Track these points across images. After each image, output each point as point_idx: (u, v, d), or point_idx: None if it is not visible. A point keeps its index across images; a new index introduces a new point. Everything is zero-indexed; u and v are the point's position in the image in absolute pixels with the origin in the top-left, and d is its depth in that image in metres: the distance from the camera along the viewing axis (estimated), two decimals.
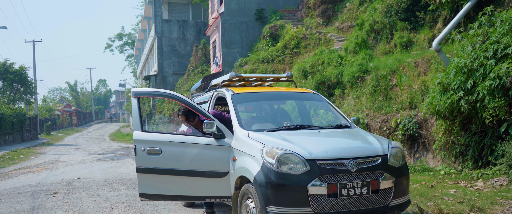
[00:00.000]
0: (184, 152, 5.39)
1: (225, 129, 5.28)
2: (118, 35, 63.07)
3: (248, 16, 24.88)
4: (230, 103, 5.57)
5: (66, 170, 13.56)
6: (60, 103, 68.78)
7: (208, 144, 5.33)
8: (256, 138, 4.91)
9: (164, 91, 5.76)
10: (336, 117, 6.01)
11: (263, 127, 5.39)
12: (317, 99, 6.17)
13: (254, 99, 6.13)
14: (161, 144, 5.45)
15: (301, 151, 4.59)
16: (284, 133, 5.12)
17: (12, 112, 29.22)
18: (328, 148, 4.74)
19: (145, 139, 5.52)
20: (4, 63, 34.12)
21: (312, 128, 5.47)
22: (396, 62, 12.89)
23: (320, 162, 4.55)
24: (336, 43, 18.39)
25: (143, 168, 5.51)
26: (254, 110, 6.36)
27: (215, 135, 5.29)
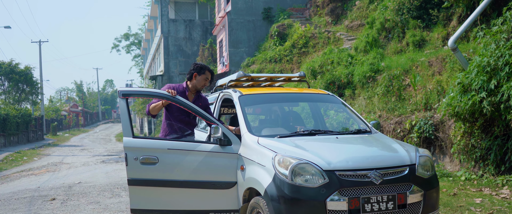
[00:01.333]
0: (185, 160, 4.78)
1: (232, 135, 4.74)
2: (125, 35, 62.92)
3: (255, 15, 24.46)
4: (238, 105, 5.05)
5: (68, 173, 13.20)
6: (67, 103, 68.66)
7: (212, 151, 4.74)
8: (267, 145, 4.38)
9: (156, 91, 5.11)
10: (354, 120, 5.49)
11: (274, 132, 4.86)
12: (332, 101, 5.57)
13: (264, 101, 5.54)
14: (157, 151, 4.80)
15: (318, 160, 4.08)
16: (298, 139, 4.58)
17: (17, 113, 28.94)
18: (348, 157, 4.21)
19: (139, 146, 4.85)
20: (9, 63, 33.89)
21: (328, 133, 4.89)
22: (409, 61, 12.43)
23: (340, 173, 4.03)
24: (346, 42, 17.96)
25: (135, 180, 4.82)
26: (263, 112, 5.86)
27: (220, 141, 4.72)
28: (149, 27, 46.65)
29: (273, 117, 5.76)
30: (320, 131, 4.93)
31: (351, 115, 5.54)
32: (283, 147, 4.30)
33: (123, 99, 4.97)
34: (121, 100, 4.98)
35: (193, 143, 4.90)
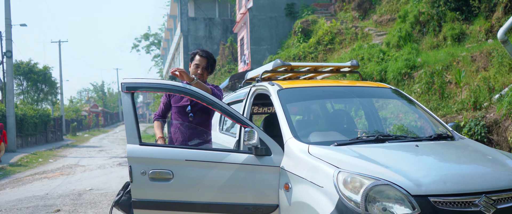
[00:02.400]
0: (208, 175, 3.62)
1: (272, 142, 3.58)
2: (145, 36, 62.46)
3: (277, 11, 23.49)
4: (277, 102, 3.86)
5: (82, 177, 12.43)
6: (87, 104, 68.62)
7: (245, 163, 3.57)
8: (323, 156, 3.23)
9: (167, 83, 3.92)
10: (426, 122, 4.31)
11: (327, 137, 3.67)
12: (396, 97, 4.32)
13: (311, 97, 4.32)
14: (172, 163, 3.65)
15: (403, 180, 2.90)
16: (363, 148, 3.39)
17: (34, 113, 28.43)
18: (444, 175, 3.02)
19: (147, 156, 3.71)
20: (28, 63, 33.56)
21: (402, 140, 3.64)
22: (449, 56, 11.37)
23: (436, 200, 2.85)
24: (375, 38, 16.94)
25: (143, 202, 3.70)
26: (302, 111, 4.67)
27: (256, 150, 3.56)
28: (169, 26, 46.08)
29: (316, 117, 4.64)
30: (390, 136, 3.70)
31: (422, 115, 4.33)
32: (347, 160, 3.14)
33: (127, 94, 3.84)
34: (125, 95, 3.85)
35: (220, 153, 3.70)
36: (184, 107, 4.23)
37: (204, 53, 4.30)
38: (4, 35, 22.53)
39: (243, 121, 3.72)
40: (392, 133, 4.36)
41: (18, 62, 33.72)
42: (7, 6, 21.88)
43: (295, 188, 3.27)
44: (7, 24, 22.01)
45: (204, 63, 4.29)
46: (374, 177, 2.90)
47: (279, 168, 3.50)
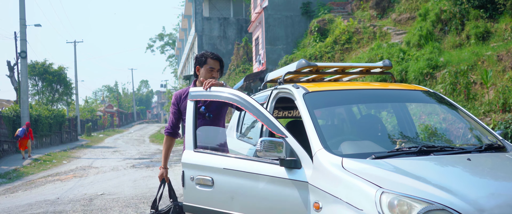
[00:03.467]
0: (242, 187, 3.40)
1: (304, 153, 3.09)
2: (159, 36, 62.54)
3: (293, 10, 23.10)
4: (303, 107, 3.38)
5: (95, 179, 12.20)
6: (102, 104, 68.81)
7: (275, 176, 3.21)
8: (360, 171, 2.76)
9: (229, 91, 3.76)
10: (469, 129, 3.85)
11: (361, 148, 3.23)
12: (432, 101, 3.85)
13: (341, 101, 3.85)
14: (213, 171, 3.60)
15: (461, 203, 2.42)
16: (406, 162, 2.89)
17: (49, 113, 28.38)
18: (510, 197, 2.52)
19: (194, 162, 3.76)
20: (43, 63, 33.60)
21: (449, 151, 3.10)
22: (473, 56, 10.94)
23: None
24: (394, 37, 16.48)
25: (190, 207, 3.75)
26: (326, 116, 4.27)
27: (283, 162, 3.14)
28: (183, 26, 45.96)
29: (343, 124, 4.20)
30: (435, 146, 3.14)
31: (464, 121, 3.82)
32: (390, 177, 2.66)
33: (191, 102, 3.95)
34: (190, 103, 3.95)
35: (254, 162, 3.42)
36: (198, 109, 4.02)
37: (215, 56, 4.09)
38: (18, 35, 22.45)
39: (278, 128, 3.30)
40: (424, 139, 3.82)
41: (34, 62, 33.78)
42: (22, 7, 21.81)
43: (327, 208, 2.81)
44: (22, 25, 21.95)
45: (218, 66, 4.10)
46: (426, 199, 2.40)
47: (307, 183, 3.03)
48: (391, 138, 3.69)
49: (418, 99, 3.99)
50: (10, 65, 25.75)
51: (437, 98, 3.93)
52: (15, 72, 25.28)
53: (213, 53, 4.11)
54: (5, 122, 20.90)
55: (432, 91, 3.97)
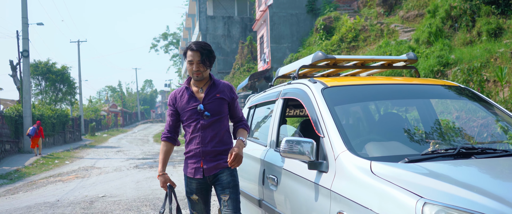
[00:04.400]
0: (293, 189, 3.15)
1: (332, 155, 2.75)
2: (163, 35, 62.34)
3: (298, 8, 22.78)
4: (322, 104, 3.04)
5: (97, 181, 11.93)
6: (106, 103, 68.64)
7: (306, 178, 2.98)
8: (393, 177, 2.35)
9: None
10: (508, 126, 3.36)
11: (392, 150, 2.84)
12: (464, 97, 3.44)
13: (364, 98, 3.43)
14: (278, 170, 3.44)
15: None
16: (445, 166, 2.49)
17: (52, 113, 28.16)
18: None
19: (267, 160, 3.69)
20: (46, 63, 33.41)
21: (492, 153, 2.67)
22: (486, 53, 10.59)
23: None
24: (402, 34, 16.15)
25: (262, 202, 3.71)
26: (342, 113, 3.55)
27: (311, 165, 2.88)
28: (187, 25, 45.71)
29: (364, 122, 3.77)
30: (474, 148, 2.75)
31: (501, 119, 3.43)
32: (430, 184, 2.22)
33: (281, 100, 3.83)
34: (280, 100, 3.85)
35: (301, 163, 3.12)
36: (195, 107, 3.60)
37: (195, 46, 3.54)
38: (21, 34, 22.22)
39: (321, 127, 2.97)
40: (455, 140, 3.36)
41: (37, 62, 33.59)
42: (24, 5, 21.58)
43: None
44: (24, 23, 21.70)
45: (198, 57, 3.52)
46: (476, 211, 2.00)
47: (328, 190, 2.67)
48: (421, 138, 3.24)
49: (449, 96, 3.53)
50: (12, 65, 25.53)
51: (469, 94, 3.55)
52: (18, 72, 25.05)
53: (195, 42, 3.59)
54: (7, 121, 20.68)
55: (463, 86, 3.60)
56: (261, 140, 4.05)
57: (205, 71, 3.57)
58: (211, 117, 3.56)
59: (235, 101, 3.67)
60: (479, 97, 3.57)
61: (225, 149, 3.59)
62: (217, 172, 3.54)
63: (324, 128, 2.91)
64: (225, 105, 3.61)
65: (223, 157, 3.57)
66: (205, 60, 3.52)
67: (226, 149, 3.59)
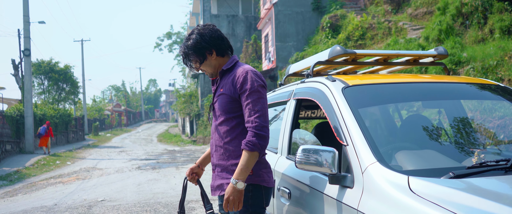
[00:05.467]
0: (309, 205, 2.69)
1: (358, 167, 2.29)
2: (167, 34, 62.02)
3: (304, 6, 22.40)
4: (344, 106, 2.60)
5: (98, 182, 11.60)
6: (110, 103, 68.41)
7: (326, 193, 2.51)
8: (439, 198, 1.86)
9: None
10: None
11: (428, 160, 2.40)
12: (503, 98, 2.93)
13: (393, 98, 3.02)
14: (290, 181, 2.96)
15: None
16: (500, 183, 2.05)
17: (55, 113, 27.87)
18: None
19: (277, 169, 3.16)
20: (49, 62, 33.14)
21: None
22: (499, 50, 10.20)
23: None
24: (410, 32, 15.75)
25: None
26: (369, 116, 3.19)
27: (333, 179, 2.41)
28: (191, 24, 45.41)
29: (387, 126, 3.30)
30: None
31: None
32: (489, 207, 1.76)
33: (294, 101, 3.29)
34: (293, 101, 3.31)
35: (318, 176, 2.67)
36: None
37: (180, 52, 2.93)
38: (22, 33, 21.92)
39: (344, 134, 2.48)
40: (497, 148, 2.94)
41: (39, 61, 33.33)
42: (25, 3, 21.28)
43: None
44: (25, 22, 21.40)
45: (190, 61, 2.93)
46: None
47: (356, 210, 2.19)
48: (460, 147, 2.74)
49: (488, 96, 3.09)
50: (14, 64, 25.24)
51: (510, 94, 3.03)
52: (20, 71, 24.76)
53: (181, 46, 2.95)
54: (8, 121, 20.38)
55: (503, 85, 3.12)
56: (270, 146, 3.55)
57: (209, 66, 2.87)
58: (215, 118, 2.91)
59: (244, 95, 2.71)
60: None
61: (233, 164, 2.76)
62: (222, 195, 2.80)
63: (348, 134, 2.44)
64: (232, 103, 2.79)
65: (229, 176, 2.76)
66: (193, 59, 2.87)
67: (233, 164, 2.75)
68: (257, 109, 2.66)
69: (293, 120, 3.23)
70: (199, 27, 2.88)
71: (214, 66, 2.87)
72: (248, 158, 2.60)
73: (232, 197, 2.60)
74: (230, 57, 2.91)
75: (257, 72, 2.80)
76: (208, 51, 2.82)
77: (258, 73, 2.79)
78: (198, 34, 2.83)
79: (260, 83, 2.73)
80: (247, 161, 2.59)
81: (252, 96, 2.68)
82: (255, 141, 2.59)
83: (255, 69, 2.80)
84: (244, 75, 2.74)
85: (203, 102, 31.17)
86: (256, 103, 2.67)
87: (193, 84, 37.63)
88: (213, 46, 2.82)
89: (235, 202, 2.61)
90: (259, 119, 2.63)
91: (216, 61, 2.86)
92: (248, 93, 2.69)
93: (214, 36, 2.84)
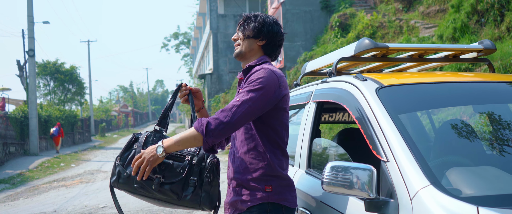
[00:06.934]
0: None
1: (404, 190, 1.79)
2: (174, 35, 61.90)
3: (312, 5, 21.97)
4: (380, 111, 2.12)
5: (101, 186, 11.26)
6: (117, 104, 68.29)
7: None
8: None
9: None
10: None
11: (493, 182, 1.90)
12: None
13: (440, 102, 2.45)
14: (312, 202, 2.48)
15: None
16: None
17: (60, 114, 27.60)
18: None
19: (300, 187, 2.65)
20: (54, 63, 32.91)
21: None
22: None
23: None
24: (423, 31, 15.30)
25: None
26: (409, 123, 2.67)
27: (371, 205, 1.88)
28: (198, 25, 45.11)
29: (425, 135, 2.76)
30: None
31: None
32: None
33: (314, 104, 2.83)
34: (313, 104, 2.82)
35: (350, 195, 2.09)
36: None
37: (245, 15, 2.52)
38: (26, 33, 21.65)
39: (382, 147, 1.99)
40: None
41: (45, 62, 33.12)
42: (30, 3, 21.01)
43: None
44: (30, 22, 21.12)
45: (237, 31, 2.54)
46: None
47: None
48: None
49: None
50: (19, 65, 24.97)
51: None
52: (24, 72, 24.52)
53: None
54: (12, 123, 20.11)
55: None
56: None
57: (243, 45, 2.46)
58: None
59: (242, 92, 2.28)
60: None
61: (248, 179, 2.32)
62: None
63: (388, 147, 1.94)
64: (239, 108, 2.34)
65: (245, 192, 2.32)
66: (244, 25, 2.47)
67: (249, 179, 2.32)
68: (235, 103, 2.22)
69: (313, 126, 2.74)
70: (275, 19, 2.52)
71: (250, 50, 2.46)
72: (188, 134, 2.24)
73: (144, 156, 2.28)
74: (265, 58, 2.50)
75: (282, 76, 2.36)
76: (263, 37, 2.43)
77: (280, 76, 2.33)
78: (273, 21, 2.47)
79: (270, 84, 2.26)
80: (184, 135, 2.25)
81: (243, 94, 2.25)
82: (204, 122, 2.19)
83: (281, 73, 2.37)
84: (260, 70, 2.31)
85: (210, 103, 30.82)
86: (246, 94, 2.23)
87: (200, 84, 37.31)
88: (268, 39, 2.44)
89: (144, 164, 2.27)
90: (224, 112, 2.21)
91: (256, 50, 2.46)
92: (247, 85, 2.27)
93: (278, 38, 2.48)
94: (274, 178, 2.28)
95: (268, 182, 2.26)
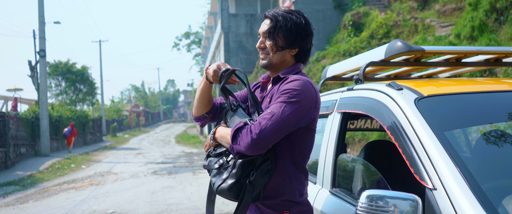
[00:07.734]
0: None
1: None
2: (185, 34, 61.80)
3: (325, 4, 21.67)
4: (422, 127, 1.77)
5: (111, 189, 11.08)
6: (128, 103, 68.37)
7: None
8: None
9: None
10: None
11: None
12: None
13: (493, 116, 2.00)
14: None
15: None
16: None
17: (71, 114, 27.53)
18: None
19: (326, 210, 2.35)
20: (66, 63, 32.89)
21: None
22: None
23: None
24: (439, 30, 14.95)
25: None
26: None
27: None
28: (209, 24, 44.96)
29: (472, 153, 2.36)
30: None
31: None
32: None
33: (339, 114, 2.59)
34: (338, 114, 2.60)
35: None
36: None
37: (269, 12, 2.20)
38: (37, 33, 21.57)
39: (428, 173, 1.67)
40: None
41: (56, 62, 33.12)
42: (41, 3, 20.92)
43: None
44: (41, 22, 21.04)
45: (266, 26, 2.19)
46: None
47: None
48: None
49: None
50: (31, 65, 24.98)
51: None
52: (36, 72, 24.47)
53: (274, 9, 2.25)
54: (23, 124, 20.02)
55: None
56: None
57: (274, 56, 2.14)
58: None
59: (275, 103, 1.97)
60: None
61: (274, 204, 2.03)
62: None
63: (435, 173, 1.63)
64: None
65: (275, 213, 2.03)
66: (275, 33, 2.13)
67: (274, 203, 2.03)
68: (266, 113, 1.94)
69: (339, 140, 2.42)
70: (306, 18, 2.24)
71: (282, 61, 2.17)
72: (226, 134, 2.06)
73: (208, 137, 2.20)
74: (299, 67, 2.22)
75: (318, 91, 2.10)
76: (296, 44, 2.16)
77: (318, 91, 2.07)
78: (305, 23, 2.21)
79: (307, 98, 1.98)
80: (224, 133, 2.08)
81: (282, 98, 1.96)
82: (238, 133, 1.96)
83: (317, 88, 2.10)
84: (298, 81, 2.01)
85: None
86: (279, 107, 1.93)
87: None
88: (301, 46, 2.19)
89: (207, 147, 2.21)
90: (263, 120, 1.92)
91: (289, 60, 2.19)
92: (281, 95, 1.97)
93: (310, 40, 2.26)
94: (294, 204, 2.02)
95: (286, 207, 2.02)
